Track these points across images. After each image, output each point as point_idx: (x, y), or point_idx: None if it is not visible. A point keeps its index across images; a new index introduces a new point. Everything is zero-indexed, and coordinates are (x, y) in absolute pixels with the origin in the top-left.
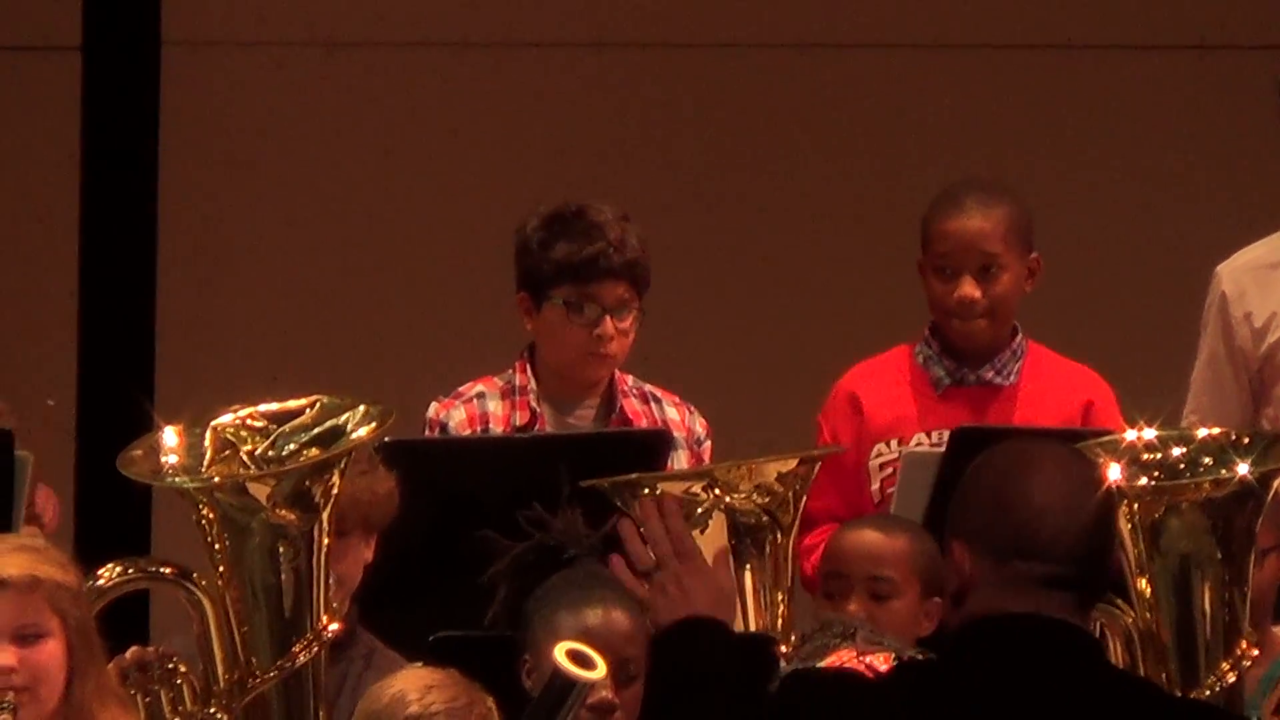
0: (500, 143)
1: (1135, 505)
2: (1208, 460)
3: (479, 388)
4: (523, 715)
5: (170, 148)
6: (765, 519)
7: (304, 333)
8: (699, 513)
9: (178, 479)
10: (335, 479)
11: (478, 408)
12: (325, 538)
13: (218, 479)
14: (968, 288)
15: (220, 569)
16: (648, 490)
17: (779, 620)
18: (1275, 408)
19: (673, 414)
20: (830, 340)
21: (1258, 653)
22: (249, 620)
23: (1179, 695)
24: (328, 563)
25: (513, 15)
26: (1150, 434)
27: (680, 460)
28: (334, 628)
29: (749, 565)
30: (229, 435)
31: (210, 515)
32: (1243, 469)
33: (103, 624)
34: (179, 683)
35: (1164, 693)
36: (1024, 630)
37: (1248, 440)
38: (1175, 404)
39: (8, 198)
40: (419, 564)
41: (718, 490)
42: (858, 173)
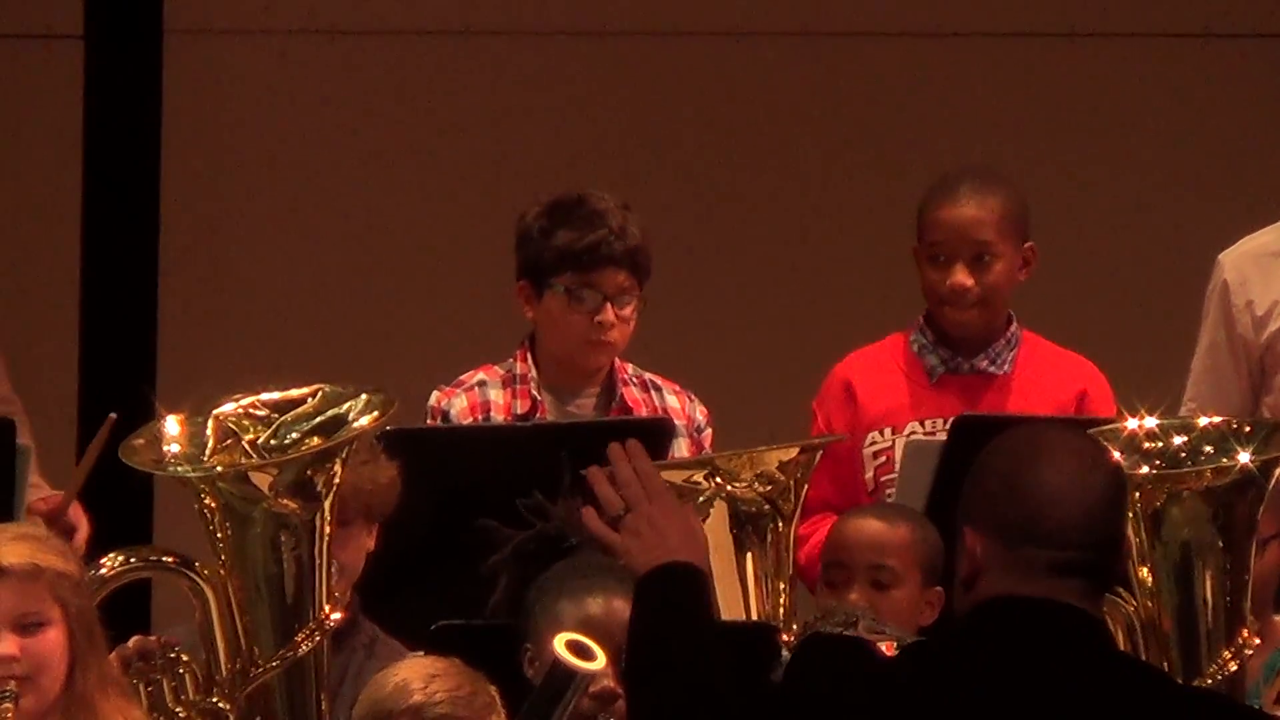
0: (503, 131)
1: (1136, 494)
2: (1209, 449)
3: (480, 376)
4: (523, 707)
5: (172, 136)
6: (767, 507)
7: (306, 321)
8: (700, 501)
9: (180, 468)
10: (337, 468)
11: (479, 396)
12: (327, 527)
13: (220, 468)
14: (961, 276)
15: (222, 558)
16: None
17: (781, 608)
18: (1275, 396)
19: (673, 402)
20: (829, 328)
21: (1259, 641)
22: (251, 609)
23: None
24: (330, 552)
25: (516, 3)
26: (1151, 422)
27: (681, 448)
28: (336, 617)
29: (750, 553)
30: (231, 424)
31: (212, 504)
32: (1244, 457)
33: (104, 613)
34: (181, 672)
35: (1169, 679)
36: (1031, 614)
37: (1249, 428)
38: (1173, 393)
39: (9, 186)
40: (421, 553)
41: (719, 479)
42: (858, 162)
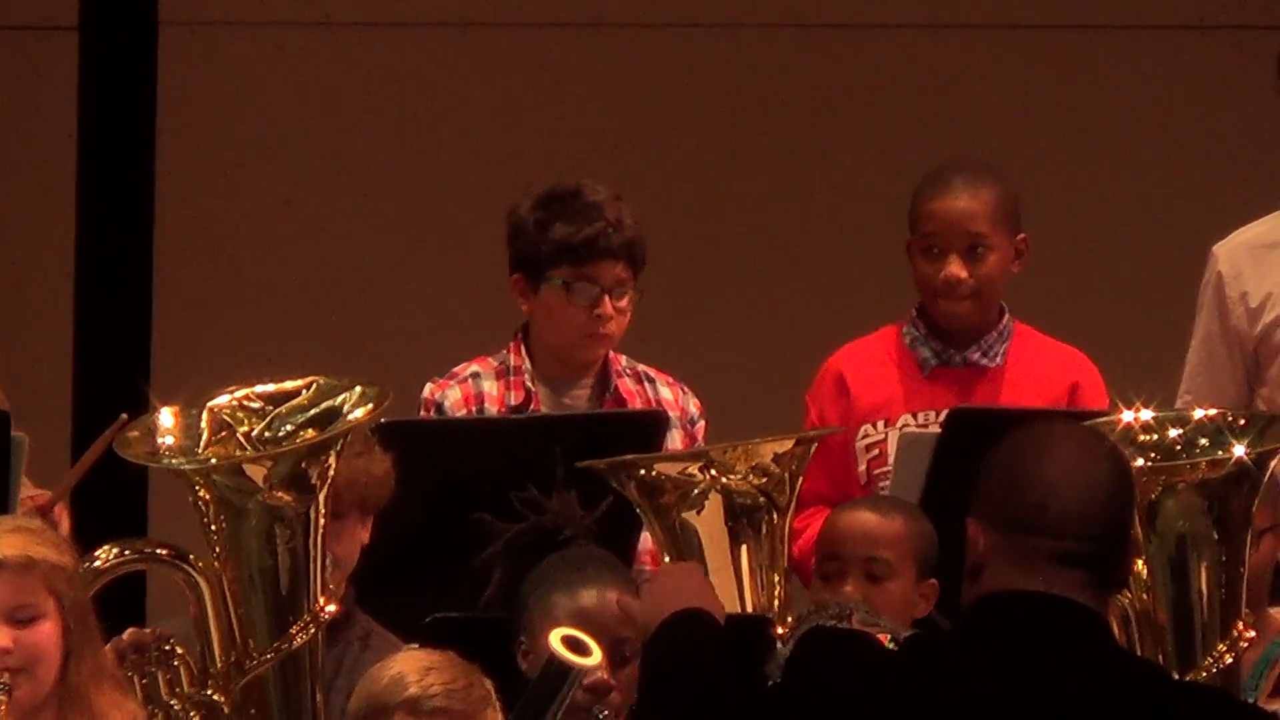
0: (498, 122)
1: None
2: (1204, 441)
3: (474, 368)
4: (518, 702)
5: (168, 128)
6: (762, 500)
7: (301, 313)
8: (695, 494)
9: (174, 460)
10: (332, 460)
11: (473, 388)
12: (322, 519)
13: (214, 460)
14: (954, 268)
15: (217, 550)
16: (644, 471)
17: (775, 601)
18: (1270, 388)
19: (667, 394)
20: (824, 321)
21: (1254, 634)
22: (246, 602)
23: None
24: (324, 544)
25: None
26: (1146, 415)
27: (675, 440)
28: (330, 609)
29: (745, 546)
30: (225, 416)
31: (207, 496)
32: (1239, 450)
33: (99, 605)
34: (175, 664)
35: (1165, 674)
36: (1028, 608)
37: (1244, 421)
38: (1168, 386)
39: (4, 178)
40: (415, 546)
41: (714, 471)
42: (853, 154)
